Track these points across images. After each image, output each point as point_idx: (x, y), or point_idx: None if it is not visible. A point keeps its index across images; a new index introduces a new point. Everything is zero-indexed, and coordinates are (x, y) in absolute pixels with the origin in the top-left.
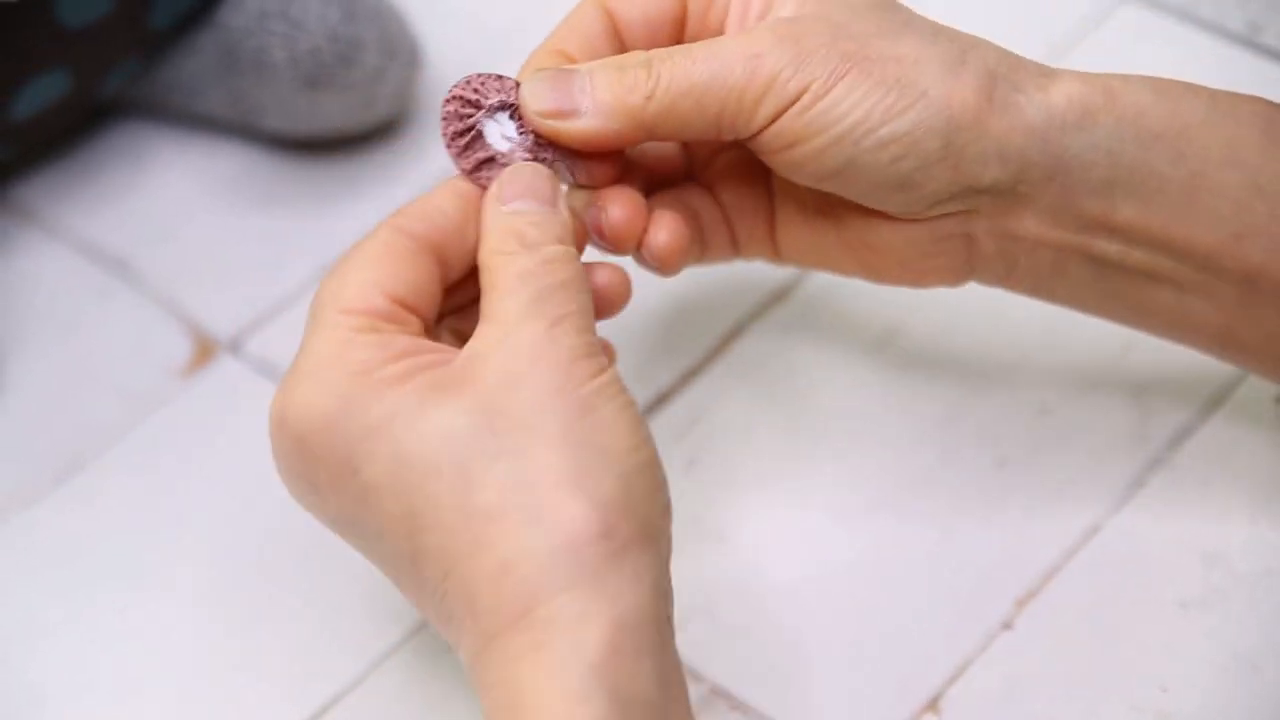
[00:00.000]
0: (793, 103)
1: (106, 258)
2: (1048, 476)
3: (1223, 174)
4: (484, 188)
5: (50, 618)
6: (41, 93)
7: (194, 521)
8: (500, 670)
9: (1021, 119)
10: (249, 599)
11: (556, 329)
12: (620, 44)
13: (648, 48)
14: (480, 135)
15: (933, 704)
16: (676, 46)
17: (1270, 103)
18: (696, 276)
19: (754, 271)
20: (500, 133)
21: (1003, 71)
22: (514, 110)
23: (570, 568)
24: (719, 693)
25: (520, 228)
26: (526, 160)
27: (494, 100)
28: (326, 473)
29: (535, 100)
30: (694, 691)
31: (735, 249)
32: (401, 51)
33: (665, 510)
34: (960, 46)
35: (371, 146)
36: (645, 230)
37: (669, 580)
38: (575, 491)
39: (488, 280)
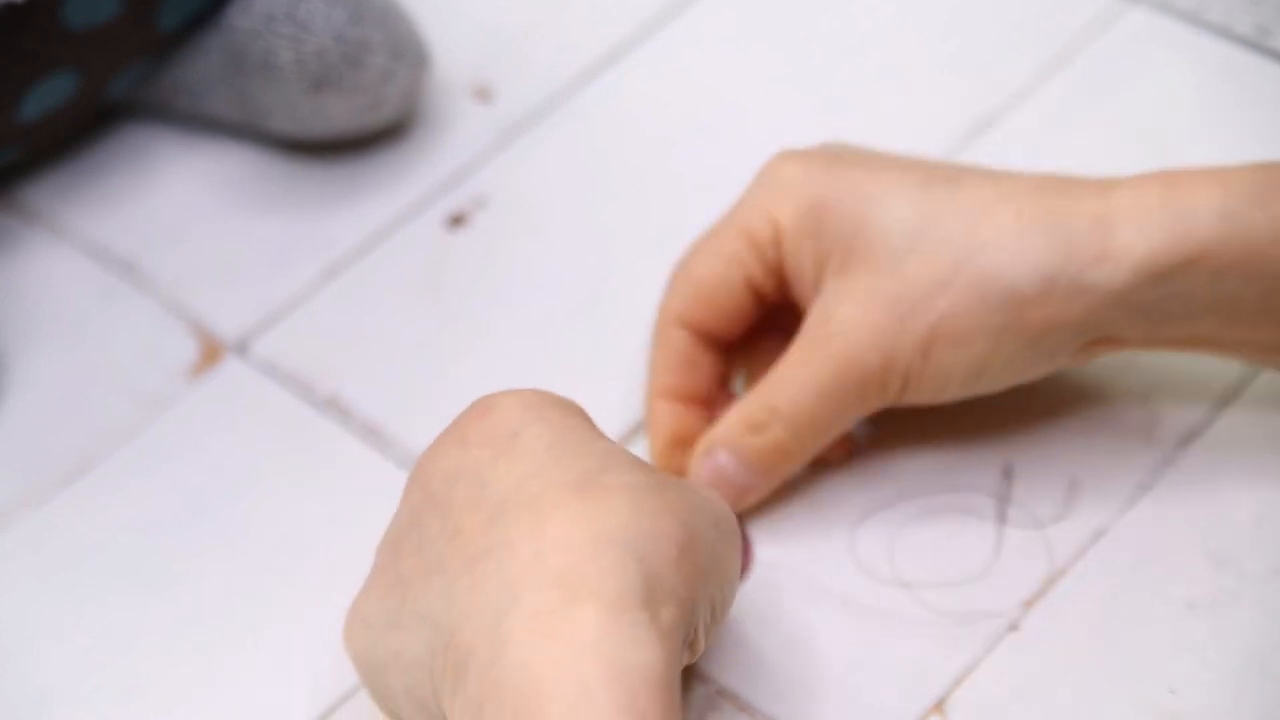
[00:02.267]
0: (908, 381)
1: (113, 259)
2: (1055, 478)
3: None
4: None
5: (57, 620)
6: (48, 95)
7: (201, 523)
8: None
9: (1095, 295)
10: (257, 600)
11: None
12: (711, 349)
13: (733, 340)
14: None
15: (939, 706)
16: (779, 374)
17: None
18: None
19: None
20: None
21: (1058, 264)
22: None
23: None
24: (725, 694)
25: None
26: None
27: None
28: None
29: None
30: (700, 692)
31: None
32: (409, 53)
33: None
34: (1001, 252)
35: (379, 148)
36: None
37: None
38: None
39: None
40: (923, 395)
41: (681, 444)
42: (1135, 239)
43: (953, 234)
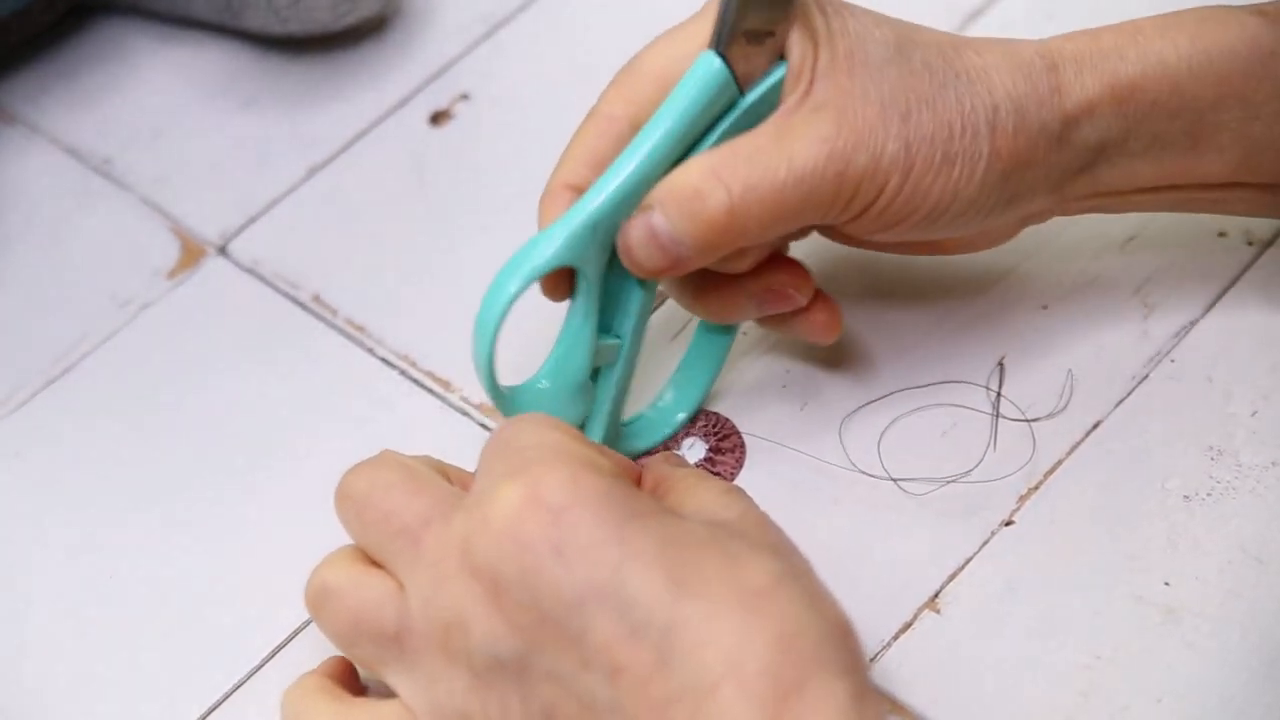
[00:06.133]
0: (878, 196)
1: (91, 159)
2: (1049, 371)
3: (1216, 115)
4: None
5: (39, 521)
6: None
7: (184, 422)
8: None
9: (1053, 140)
10: (242, 500)
11: None
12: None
13: None
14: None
15: (933, 602)
16: (735, 148)
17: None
18: None
19: None
20: (689, 447)
21: (1021, 93)
22: (709, 449)
23: None
24: None
25: None
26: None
27: (698, 431)
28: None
29: (649, 261)
30: None
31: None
32: None
33: None
34: (978, 82)
35: (358, 45)
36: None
37: None
38: None
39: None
40: (879, 222)
41: None
42: (1076, 78)
43: (930, 60)
